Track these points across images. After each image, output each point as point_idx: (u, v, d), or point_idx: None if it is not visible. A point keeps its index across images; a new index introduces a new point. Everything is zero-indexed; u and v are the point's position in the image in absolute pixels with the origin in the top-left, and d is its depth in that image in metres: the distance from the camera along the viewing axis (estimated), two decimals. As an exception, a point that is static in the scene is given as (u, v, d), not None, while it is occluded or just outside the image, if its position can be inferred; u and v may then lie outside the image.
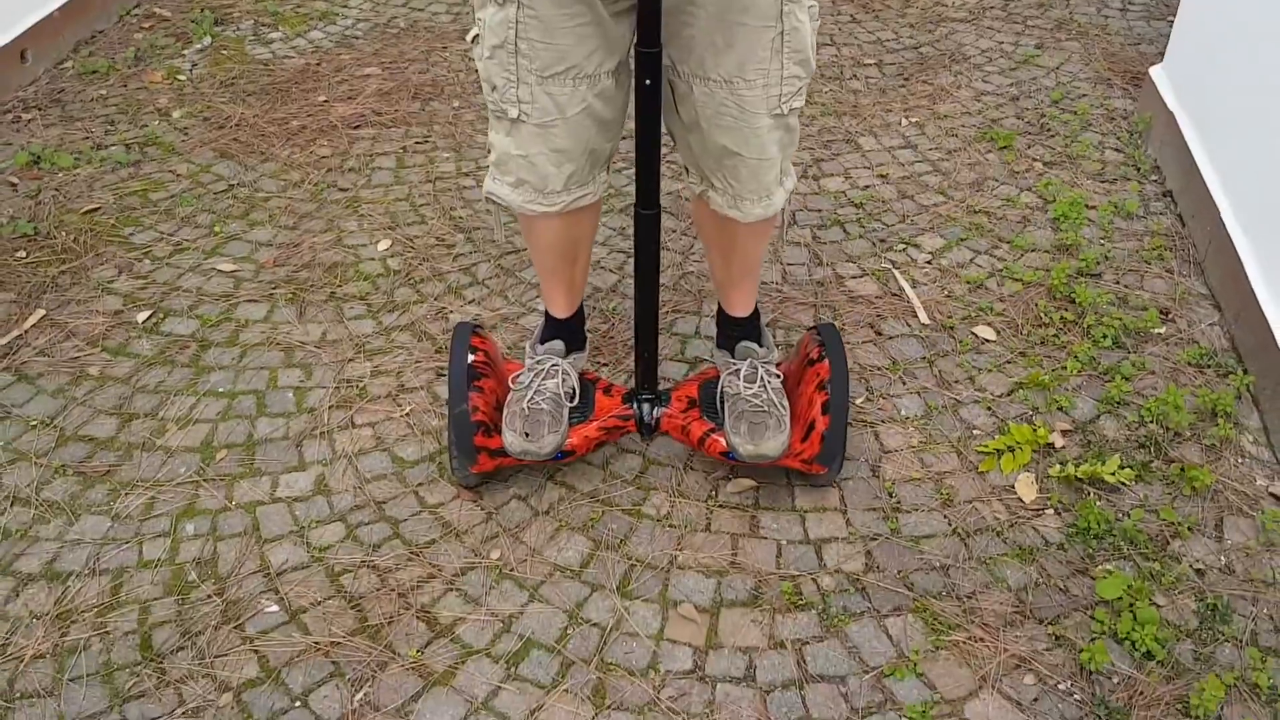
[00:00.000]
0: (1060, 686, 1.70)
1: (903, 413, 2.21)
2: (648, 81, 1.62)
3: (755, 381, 1.91)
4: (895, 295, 2.53)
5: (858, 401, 2.24)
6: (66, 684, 1.74)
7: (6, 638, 1.81)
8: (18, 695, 1.73)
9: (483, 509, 2.02)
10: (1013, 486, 2.03)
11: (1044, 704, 1.67)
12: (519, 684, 1.73)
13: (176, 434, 2.22)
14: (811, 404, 1.91)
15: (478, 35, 1.68)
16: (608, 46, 1.65)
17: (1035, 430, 2.11)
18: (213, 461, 2.15)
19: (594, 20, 1.62)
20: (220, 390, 2.33)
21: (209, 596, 1.88)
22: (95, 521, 2.03)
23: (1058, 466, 2.04)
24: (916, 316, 2.46)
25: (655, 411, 1.97)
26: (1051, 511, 1.98)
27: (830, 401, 1.89)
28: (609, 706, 1.69)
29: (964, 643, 1.76)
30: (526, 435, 1.86)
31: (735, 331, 2.01)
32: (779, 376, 1.97)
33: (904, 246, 2.69)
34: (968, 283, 2.55)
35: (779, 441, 1.86)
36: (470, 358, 1.98)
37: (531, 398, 1.91)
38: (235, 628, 1.83)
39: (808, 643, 1.79)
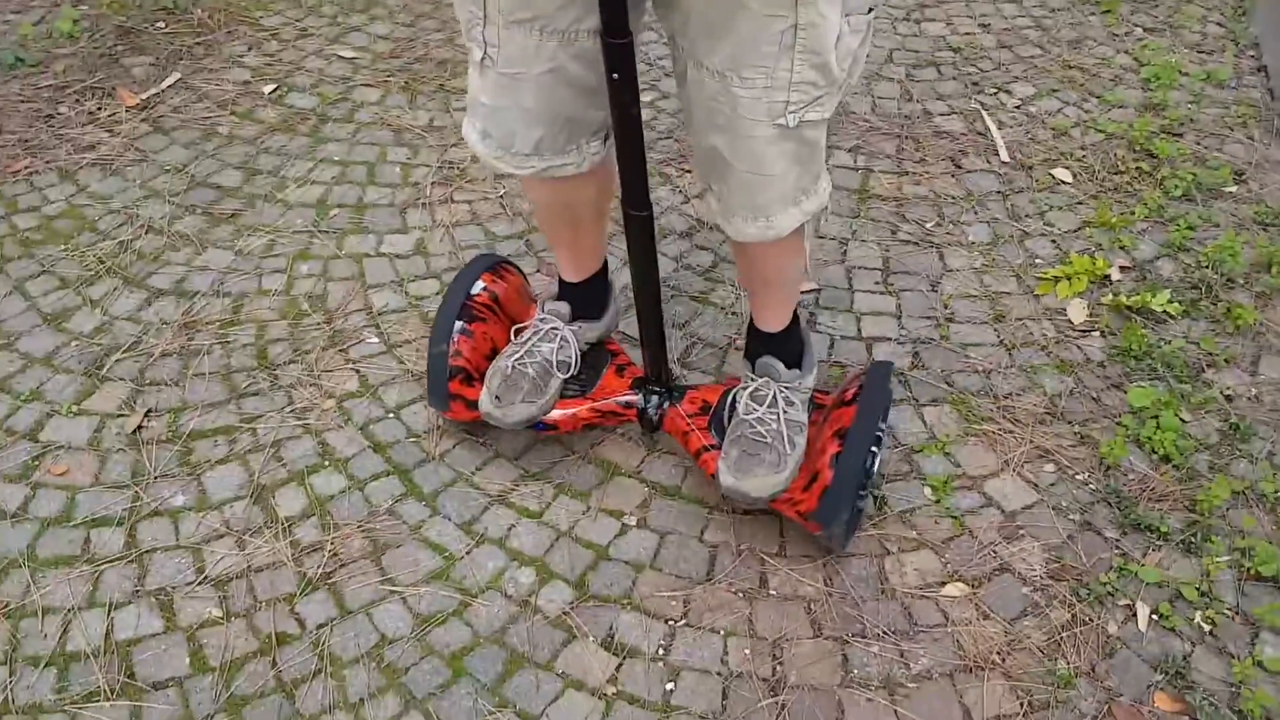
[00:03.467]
0: (1078, 476, 1.84)
1: (970, 238, 2.32)
2: (615, 75, 1.34)
3: (764, 404, 1.67)
4: (980, 134, 2.60)
5: (927, 225, 2.35)
6: (190, 378, 1.99)
7: (139, 337, 2.06)
8: (147, 382, 1.98)
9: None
10: (1064, 309, 2.14)
11: (1059, 489, 1.82)
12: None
13: (295, 191, 2.43)
14: (824, 451, 1.63)
15: None
16: (586, 2, 1.36)
17: (1095, 262, 2.20)
18: (326, 217, 2.36)
19: None
20: (335, 159, 2.52)
21: (318, 324, 2.10)
22: (220, 254, 2.26)
23: (1110, 296, 2.14)
24: (998, 154, 2.54)
25: (662, 406, 1.76)
26: (1097, 333, 2.09)
27: (841, 456, 1.59)
28: (661, 450, 1.88)
29: (993, 433, 1.91)
30: (497, 399, 1.71)
31: (760, 345, 1.75)
32: (803, 405, 1.72)
33: (995, 91, 2.75)
34: (1052, 129, 2.62)
35: (768, 482, 1.61)
36: (473, 295, 1.81)
37: (520, 358, 1.74)
38: (340, 351, 2.05)
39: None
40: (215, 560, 1.70)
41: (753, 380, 1.71)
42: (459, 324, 1.77)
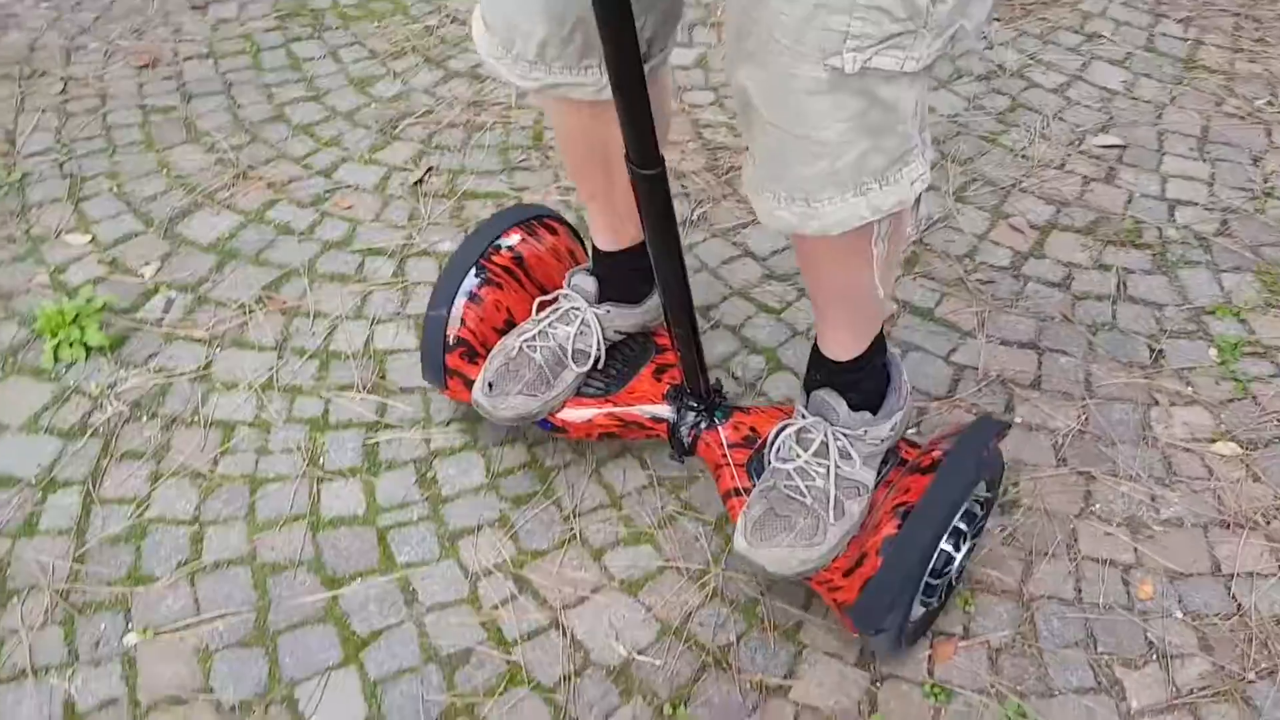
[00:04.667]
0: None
1: (1306, 119, 2.07)
2: None
3: (809, 450, 1.27)
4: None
5: (1257, 102, 2.10)
6: (471, 148, 2.07)
7: (432, 107, 2.17)
8: (434, 146, 2.08)
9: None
10: None
11: (1373, 372, 1.60)
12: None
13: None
14: (878, 529, 1.23)
15: None
16: None
17: None
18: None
19: None
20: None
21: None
22: (514, 47, 2.33)
23: None
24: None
25: (698, 427, 1.39)
26: None
27: (897, 540, 1.20)
28: (917, 273, 1.79)
29: (1302, 308, 1.70)
30: (490, 386, 1.41)
31: (820, 373, 1.32)
32: (867, 461, 1.30)
33: (1366, -25, 2.43)
34: None
35: (794, 557, 1.22)
36: (492, 253, 1.48)
37: (531, 339, 1.43)
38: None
39: (1134, 272, 1.79)
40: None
41: (803, 417, 1.31)
42: (468, 285, 1.46)
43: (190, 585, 1.39)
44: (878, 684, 1.29)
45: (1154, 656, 1.31)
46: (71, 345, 1.65)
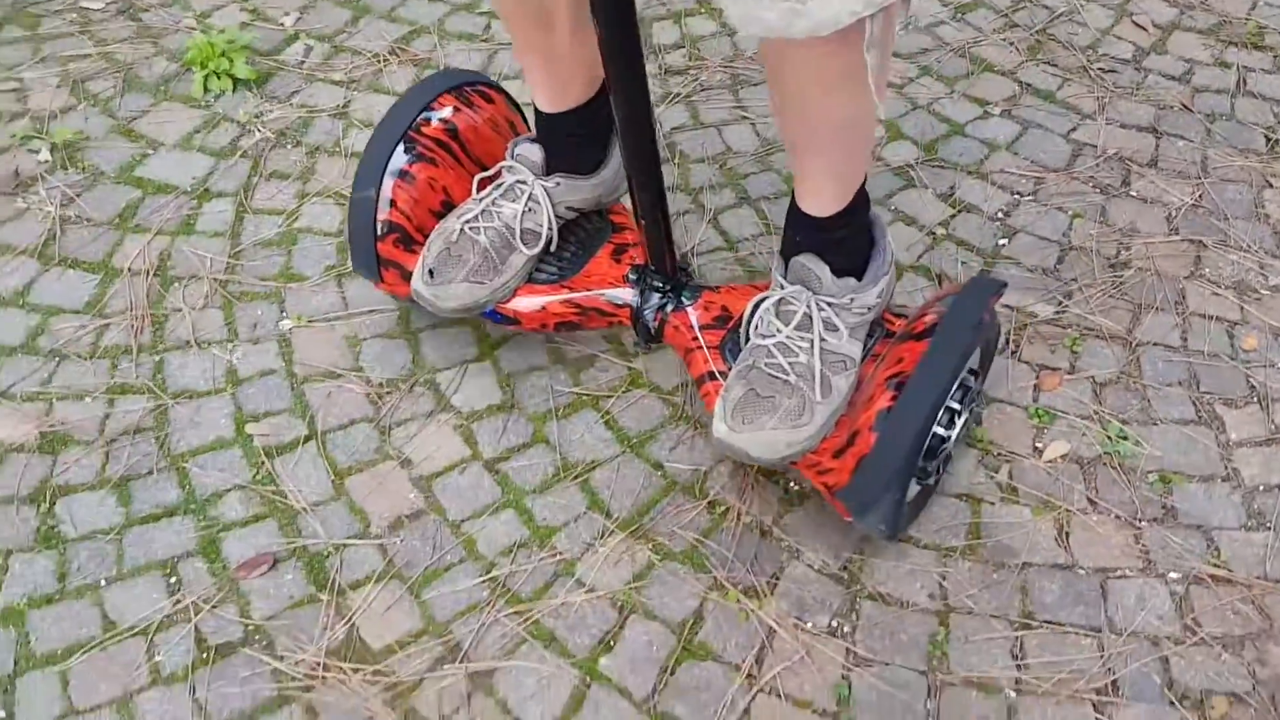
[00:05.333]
0: None
1: None
2: None
3: (790, 324, 1.15)
4: None
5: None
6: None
7: None
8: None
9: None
10: None
11: None
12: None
13: None
14: (870, 403, 1.13)
15: None
16: None
17: None
18: None
19: None
20: None
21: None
22: None
23: None
24: None
25: (664, 309, 1.28)
26: None
27: (892, 413, 1.10)
28: (1040, 59, 1.81)
29: None
30: (430, 274, 1.26)
31: (800, 235, 1.18)
32: (854, 332, 1.19)
33: None
34: None
35: (779, 439, 1.12)
36: (421, 125, 1.32)
37: (472, 220, 1.28)
38: None
39: (1254, 71, 1.79)
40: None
41: (781, 288, 1.19)
42: (396, 163, 1.30)
43: (338, 286, 1.49)
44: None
45: (1254, 399, 1.36)
46: (220, 76, 1.73)
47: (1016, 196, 1.61)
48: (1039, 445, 1.32)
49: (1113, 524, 1.25)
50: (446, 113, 1.34)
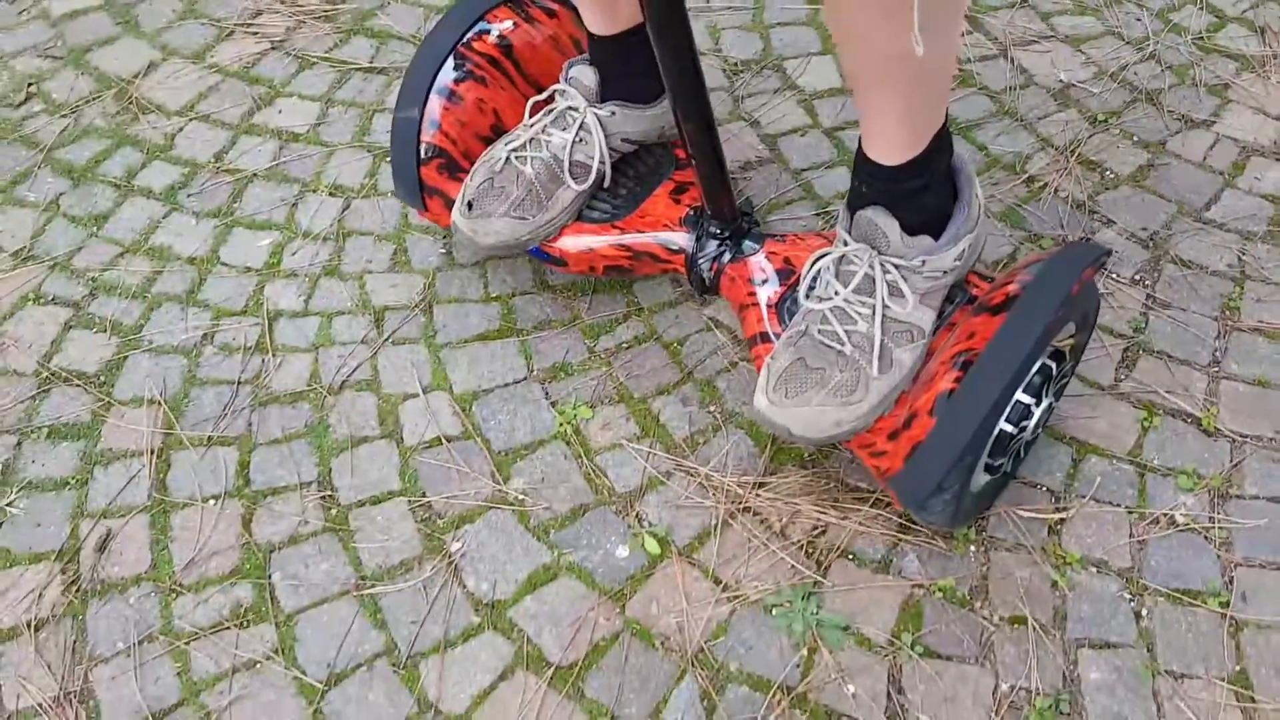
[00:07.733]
0: None
1: None
2: None
3: (849, 286, 1.00)
4: None
5: None
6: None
7: None
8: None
9: None
10: None
11: None
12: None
13: None
14: (932, 383, 0.97)
15: None
16: None
17: None
18: None
19: None
20: None
21: None
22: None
23: None
24: None
25: (720, 259, 1.13)
26: None
27: (954, 399, 0.94)
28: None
29: None
30: (470, 206, 1.15)
31: (868, 185, 1.00)
32: (924, 300, 1.02)
33: None
34: None
35: (825, 418, 0.97)
36: (472, 42, 1.19)
37: (519, 149, 1.17)
38: None
39: None
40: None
41: (844, 244, 1.02)
42: (444, 80, 1.18)
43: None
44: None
45: None
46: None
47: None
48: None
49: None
50: (504, 26, 1.21)
